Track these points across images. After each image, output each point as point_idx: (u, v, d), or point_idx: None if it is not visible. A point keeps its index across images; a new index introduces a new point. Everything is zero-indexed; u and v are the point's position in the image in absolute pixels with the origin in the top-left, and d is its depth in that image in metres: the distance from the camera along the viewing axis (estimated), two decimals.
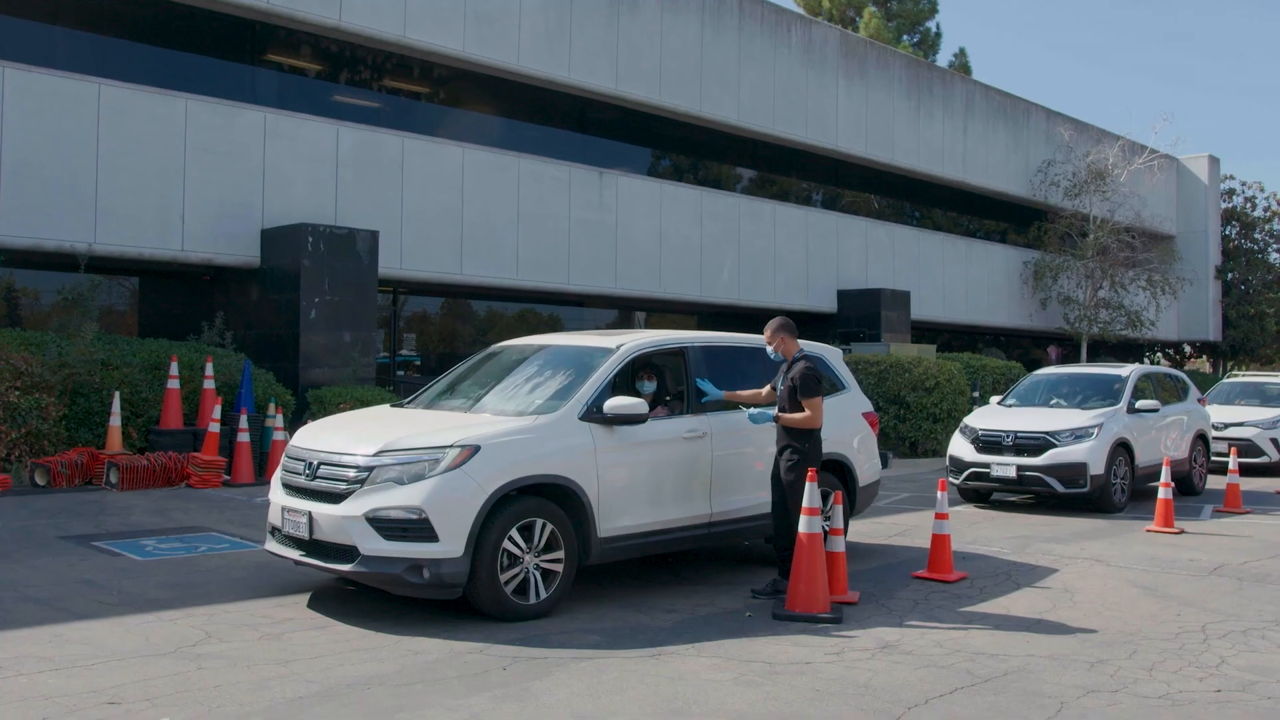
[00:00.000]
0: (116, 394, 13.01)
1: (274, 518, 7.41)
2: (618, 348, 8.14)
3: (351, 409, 14.99)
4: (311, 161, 17.25)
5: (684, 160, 25.65)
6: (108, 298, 16.95)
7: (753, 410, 8.11)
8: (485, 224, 19.44)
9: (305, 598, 7.54)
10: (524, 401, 7.81)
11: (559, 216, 20.67)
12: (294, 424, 14.65)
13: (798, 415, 7.87)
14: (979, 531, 11.57)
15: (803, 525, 7.47)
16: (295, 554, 7.18)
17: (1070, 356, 35.85)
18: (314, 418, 14.61)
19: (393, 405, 8.69)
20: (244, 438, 13.28)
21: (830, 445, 9.31)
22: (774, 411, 8.04)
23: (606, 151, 23.20)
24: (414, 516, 6.70)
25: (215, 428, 13.01)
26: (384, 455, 6.90)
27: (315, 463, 7.18)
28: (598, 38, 21.32)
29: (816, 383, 7.92)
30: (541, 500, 7.15)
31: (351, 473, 6.94)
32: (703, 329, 18.48)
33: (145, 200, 15.57)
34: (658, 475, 7.90)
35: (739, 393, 8.44)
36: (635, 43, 22.01)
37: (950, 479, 13.75)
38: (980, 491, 13.97)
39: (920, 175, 29.57)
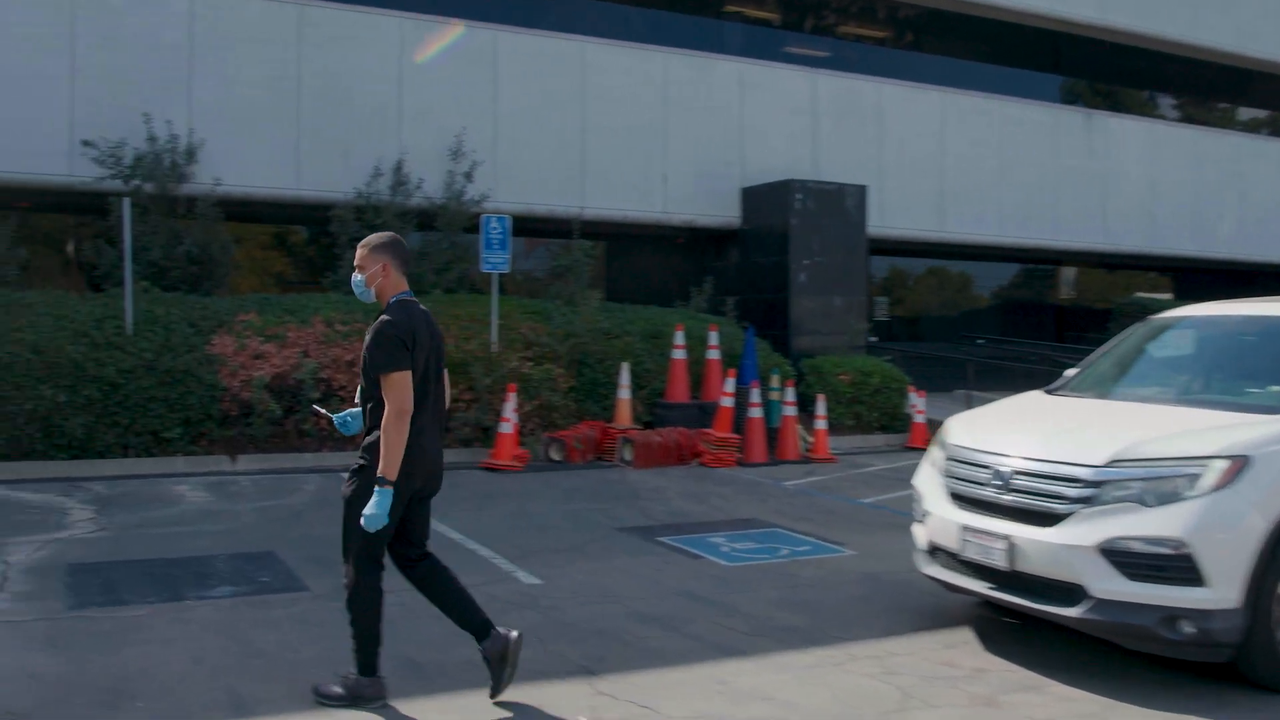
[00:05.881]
0: (625, 365, 12.27)
1: (941, 537, 5.91)
2: None
3: (851, 380, 13.63)
4: (788, 113, 16.01)
5: (1171, 98, 22.40)
6: None
7: (342, 414, 4.91)
8: (964, 175, 17.51)
9: (966, 633, 6.04)
10: (1273, 395, 5.88)
11: (1042, 164, 18.35)
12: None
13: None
14: None
15: None
16: (981, 586, 5.65)
17: None
18: (810, 389, 13.38)
19: (1044, 391, 6.98)
20: (755, 413, 12.16)
21: None
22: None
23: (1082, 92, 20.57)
24: (1170, 550, 4.98)
25: (728, 402, 11.98)
26: (1117, 466, 5.21)
27: (1007, 471, 5.61)
28: None
29: (396, 348, 4.49)
30: None
31: (1071, 488, 5.30)
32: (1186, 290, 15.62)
33: (628, 161, 14.90)
34: None
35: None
36: None
37: None
38: None
39: None
